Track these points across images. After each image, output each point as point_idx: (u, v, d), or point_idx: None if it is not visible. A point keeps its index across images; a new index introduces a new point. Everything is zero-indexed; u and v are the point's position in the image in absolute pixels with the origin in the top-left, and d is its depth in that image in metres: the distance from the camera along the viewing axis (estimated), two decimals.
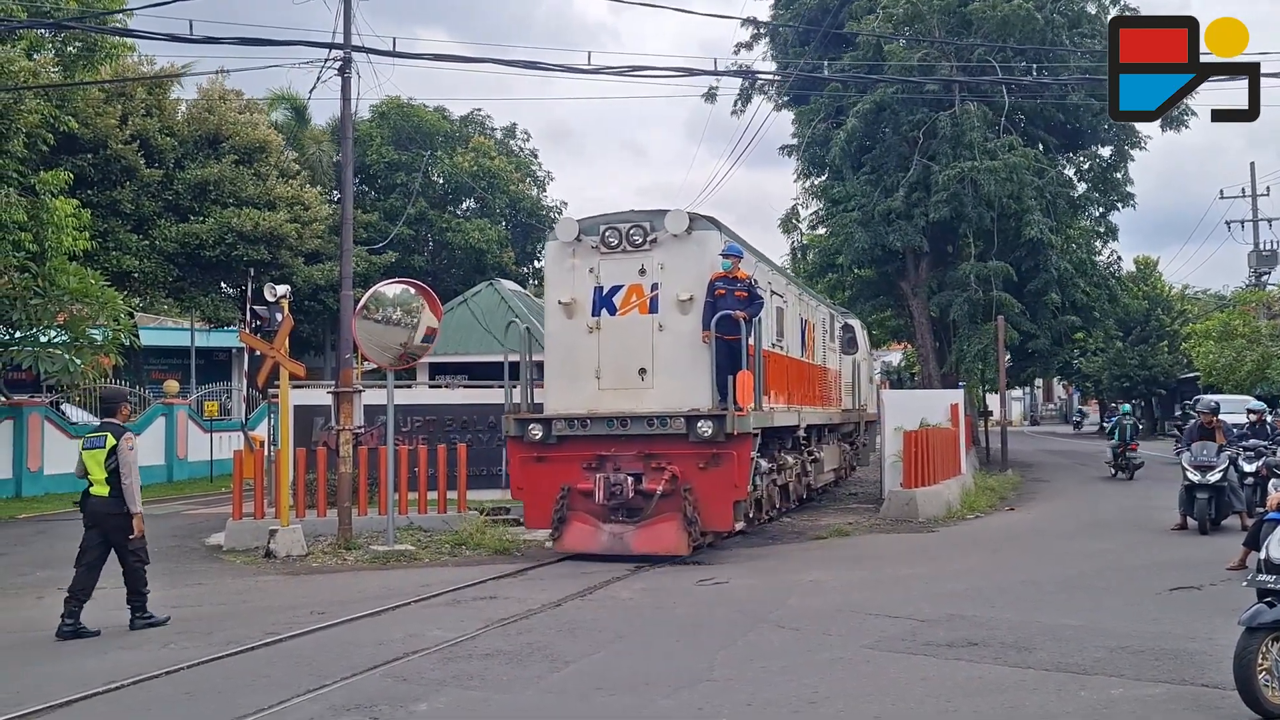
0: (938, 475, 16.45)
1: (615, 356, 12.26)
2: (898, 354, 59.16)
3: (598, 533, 11.88)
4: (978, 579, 10.41)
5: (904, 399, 21.44)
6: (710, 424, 11.51)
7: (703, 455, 11.64)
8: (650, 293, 12.23)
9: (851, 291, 31.04)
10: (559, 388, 12.56)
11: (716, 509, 11.75)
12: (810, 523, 15.52)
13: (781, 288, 15.51)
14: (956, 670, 6.75)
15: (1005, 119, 25.18)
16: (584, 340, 12.39)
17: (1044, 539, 13.90)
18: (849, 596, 9.50)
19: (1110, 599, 9.28)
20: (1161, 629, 7.82)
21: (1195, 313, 48.19)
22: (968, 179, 24.19)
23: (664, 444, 11.79)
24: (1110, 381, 50.43)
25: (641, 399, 12.08)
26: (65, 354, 19.66)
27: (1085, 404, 70.83)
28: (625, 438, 11.93)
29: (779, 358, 14.65)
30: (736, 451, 11.65)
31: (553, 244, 12.90)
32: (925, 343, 28.86)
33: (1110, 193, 28.93)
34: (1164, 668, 6.66)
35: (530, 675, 6.79)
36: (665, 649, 7.56)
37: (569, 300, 12.44)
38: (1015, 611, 8.63)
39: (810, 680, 6.56)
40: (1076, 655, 7.01)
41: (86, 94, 23.17)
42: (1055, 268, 26.24)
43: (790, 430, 14.88)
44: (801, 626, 8.21)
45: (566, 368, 12.54)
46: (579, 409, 12.23)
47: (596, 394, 12.26)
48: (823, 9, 27.82)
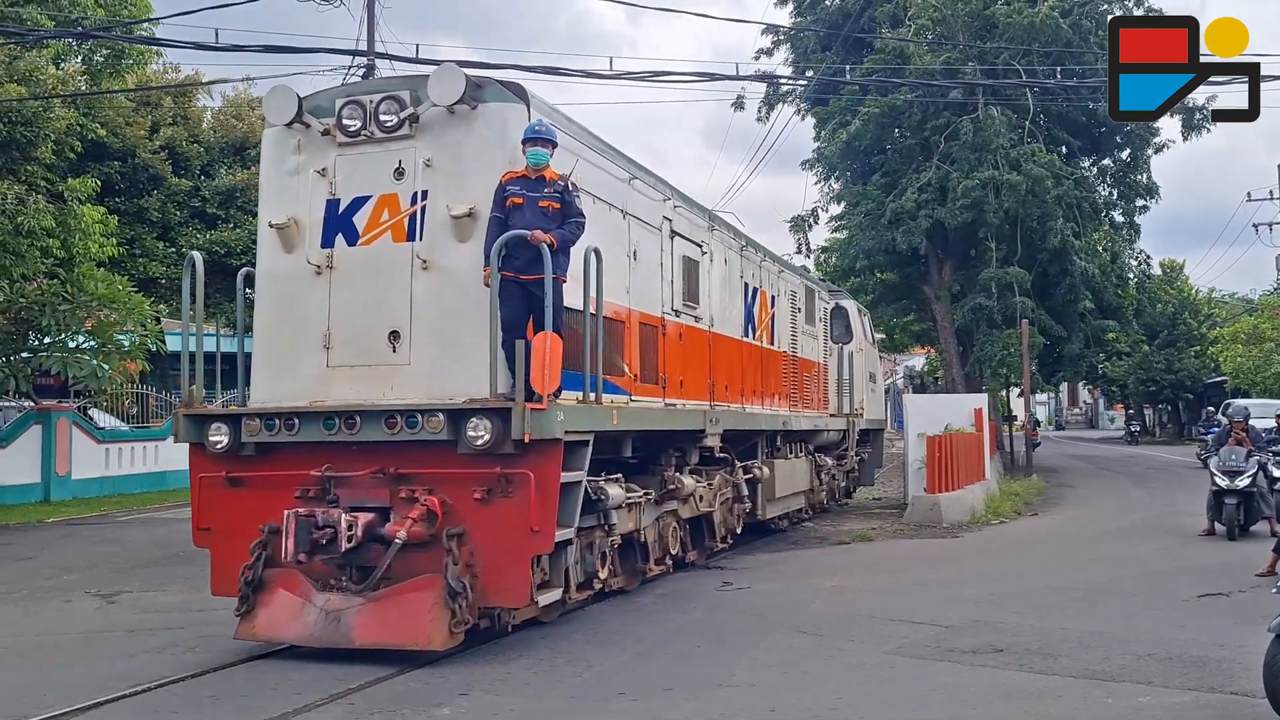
0: (961, 480, 16.37)
1: (354, 313, 7.82)
2: (921, 358, 58.90)
3: (304, 609, 7.30)
4: (1002, 584, 10.34)
5: (927, 404, 21.33)
6: (486, 424, 7.10)
7: (482, 477, 7.25)
8: (410, 207, 7.73)
9: (874, 295, 31.00)
10: (268, 364, 8.16)
11: (504, 569, 7.21)
12: (833, 528, 15.45)
13: (700, 230, 11.38)
14: (980, 677, 6.70)
15: (1030, 123, 25.09)
16: (308, 287, 7.95)
17: (1069, 544, 13.78)
18: (872, 602, 9.45)
19: (1137, 605, 9.18)
20: (1189, 636, 7.74)
21: (1223, 316, 47.78)
22: (990, 186, 24.10)
23: (421, 457, 7.38)
24: (1136, 386, 50.04)
25: (392, 382, 7.64)
26: (93, 359, 19.84)
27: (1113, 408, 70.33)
28: (360, 447, 7.51)
29: (691, 331, 10.83)
30: (536, 471, 7.16)
31: (269, 133, 8.41)
32: (948, 347, 28.76)
33: (1133, 195, 28.83)
34: (1192, 675, 6.58)
35: (553, 679, 6.80)
36: (686, 654, 7.55)
37: (284, 222, 8.03)
38: (1040, 617, 8.56)
39: (832, 686, 6.53)
40: (1102, 662, 6.94)
41: (115, 102, 23.44)
42: (1080, 272, 26.12)
43: (689, 437, 10.49)
44: (824, 632, 8.18)
45: (281, 332, 8.08)
46: (296, 399, 7.83)
47: (324, 374, 7.83)
48: (844, 13, 27.80)
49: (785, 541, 13.93)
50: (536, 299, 7.41)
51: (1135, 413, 58.21)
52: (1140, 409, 59.23)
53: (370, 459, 7.51)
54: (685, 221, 10.97)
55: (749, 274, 13.10)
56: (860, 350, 18.28)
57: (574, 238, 7.73)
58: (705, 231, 11.58)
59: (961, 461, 16.54)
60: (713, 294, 11.58)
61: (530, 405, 7.07)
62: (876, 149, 27.00)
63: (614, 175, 9.38)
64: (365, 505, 7.41)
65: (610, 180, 9.27)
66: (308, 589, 7.41)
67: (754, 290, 13.26)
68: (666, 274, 10.29)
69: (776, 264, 14.68)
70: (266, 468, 7.85)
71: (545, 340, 7.13)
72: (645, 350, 9.67)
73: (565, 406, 7.46)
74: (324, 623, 7.22)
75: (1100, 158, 29.45)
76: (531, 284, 7.49)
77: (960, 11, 24.78)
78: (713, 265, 11.67)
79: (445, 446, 7.29)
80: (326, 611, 7.25)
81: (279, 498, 7.61)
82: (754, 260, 13.41)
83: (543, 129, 7.69)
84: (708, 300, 11.39)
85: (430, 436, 7.26)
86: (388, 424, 7.35)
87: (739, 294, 12.66)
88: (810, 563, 12.30)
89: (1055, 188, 24.73)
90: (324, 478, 7.53)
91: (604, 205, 9.03)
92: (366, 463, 7.50)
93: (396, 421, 7.33)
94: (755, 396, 12.98)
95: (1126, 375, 49.90)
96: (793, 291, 15.17)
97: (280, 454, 7.84)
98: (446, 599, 7.03)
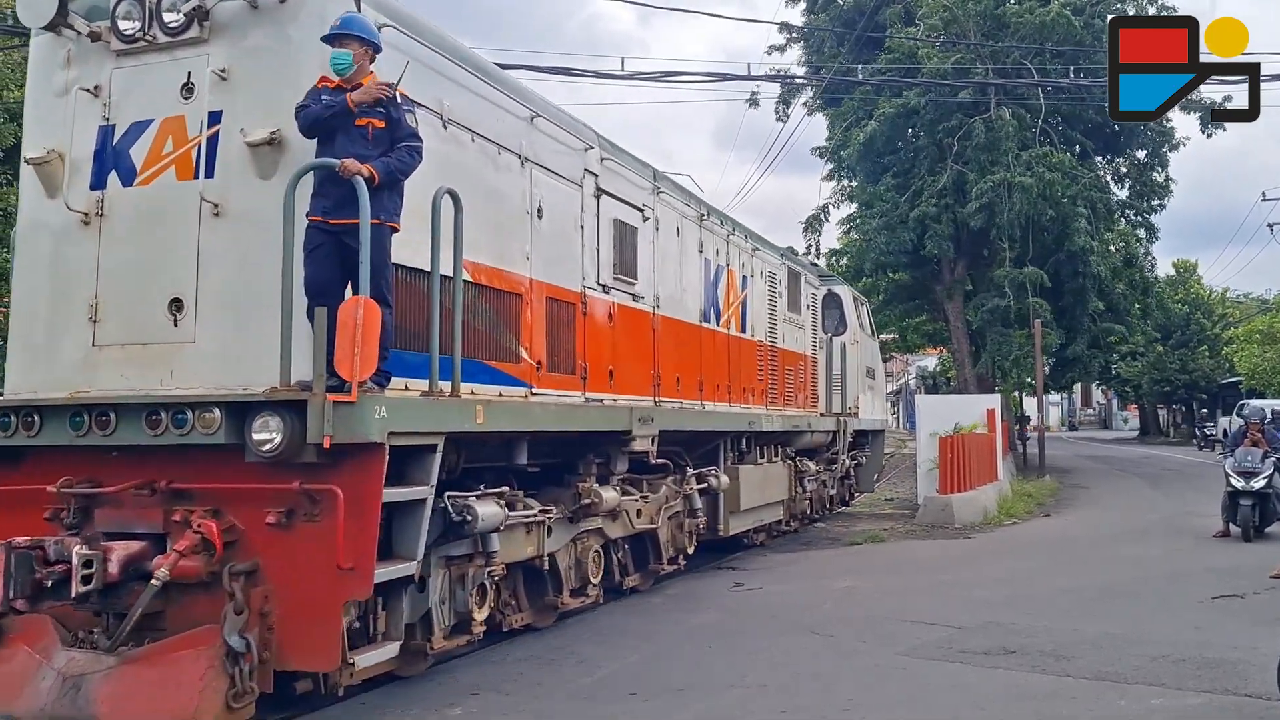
0: (974, 481, 16.33)
1: (127, 276, 6.00)
2: (933, 358, 58.79)
3: (39, 673, 5.40)
4: (1015, 586, 10.29)
5: (939, 404, 21.29)
6: (276, 423, 5.31)
7: (279, 495, 5.42)
8: (200, 134, 5.91)
9: (885, 295, 30.94)
10: (25, 344, 6.38)
11: (304, 619, 5.33)
12: (844, 528, 15.42)
13: (641, 191, 9.45)
14: (993, 678, 6.67)
15: (1042, 122, 25.02)
16: (72, 242, 6.15)
17: (1082, 545, 13.72)
18: (884, 603, 9.42)
19: (1150, 607, 9.13)
20: (1203, 638, 7.68)
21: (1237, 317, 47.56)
22: (1003, 186, 24.06)
23: (204, 468, 5.62)
24: (1150, 386, 49.86)
25: (172, 366, 5.87)
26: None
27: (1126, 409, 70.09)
28: (126, 454, 5.75)
29: (627, 312, 8.98)
30: (347, 487, 5.29)
31: (37, 42, 6.50)
32: (961, 347, 28.68)
33: (1148, 194, 28.77)
34: (1206, 677, 6.54)
35: (563, 680, 6.80)
36: (697, 655, 7.53)
37: (44, 156, 6.25)
38: (1053, 619, 8.52)
39: (844, 688, 6.51)
40: (1116, 664, 6.90)
41: None
42: (1093, 273, 26.04)
43: (613, 440, 8.49)
44: (835, 633, 8.15)
45: (40, 302, 6.33)
46: (54, 388, 6.05)
47: (90, 356, 6.06)
48: (857, 11, 27.78)
49: (797, 542, 13.90)
50: (352, 253, 5.50)
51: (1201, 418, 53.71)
52: (1154, 409, 59.00)
53: (138, 469, 5.66)
54: (618, 179, 8.98)
55: (712, 249, 11.19)
56: (855, 343, 16.55)
57: (405, 168, 5.74)
58: (649, 194, 9.61)
59: (974, 462, 16.50)
60: (659, 269, 9.66)
61: (334, 397, 5.21)
62: (890, 149, 26.97)
63: (505, 109, 7.45)
64: (133, 531, 5.61)
65: (497, 114, 7.34)
66: (52, 644, 5.46)
67: (719, 268, 11.36)
68: (589, 240, 8.39)
69: (750, 240, 12.60)
70: (14, 480, 6.01)
71: (357, 307, 5.26)
72: (556, 332, 7.80)
73: (392, 399, 5.63)
74: (60, 692, 5.27)
75: (1114, 158, 29.38)
76: (344, 232, 5.57)
77: (971, 11, 24.72)
78: (659, 234, 9.71)
79: (233, 453, 5.43)
80: (65, 677, 5.31)
81: (26, 520, 5.78)
82: (719, 233, 11.45)
83: (349, 22, 5.69)
84: (651, 276, 9.48)
85: (204, 440, 5.40)
86: (150, 422, 5.50)
87: (697, 271, 10.74)
88: (822, 564, 12.26)
89: (1070, 187, 24.65)
90: (76, 494, 5.71)
91: (486, 146, 7.15)
92: (134, 474, 5.65)
93: (160, 419, 5.47)
94: (721, 392, 11.15)
95: (1140, 376, 49.71)
96: (771, 273, 13.30)
97: (32, 462, 6.03)
98: (225, 662, 5.12)
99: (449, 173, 6.46)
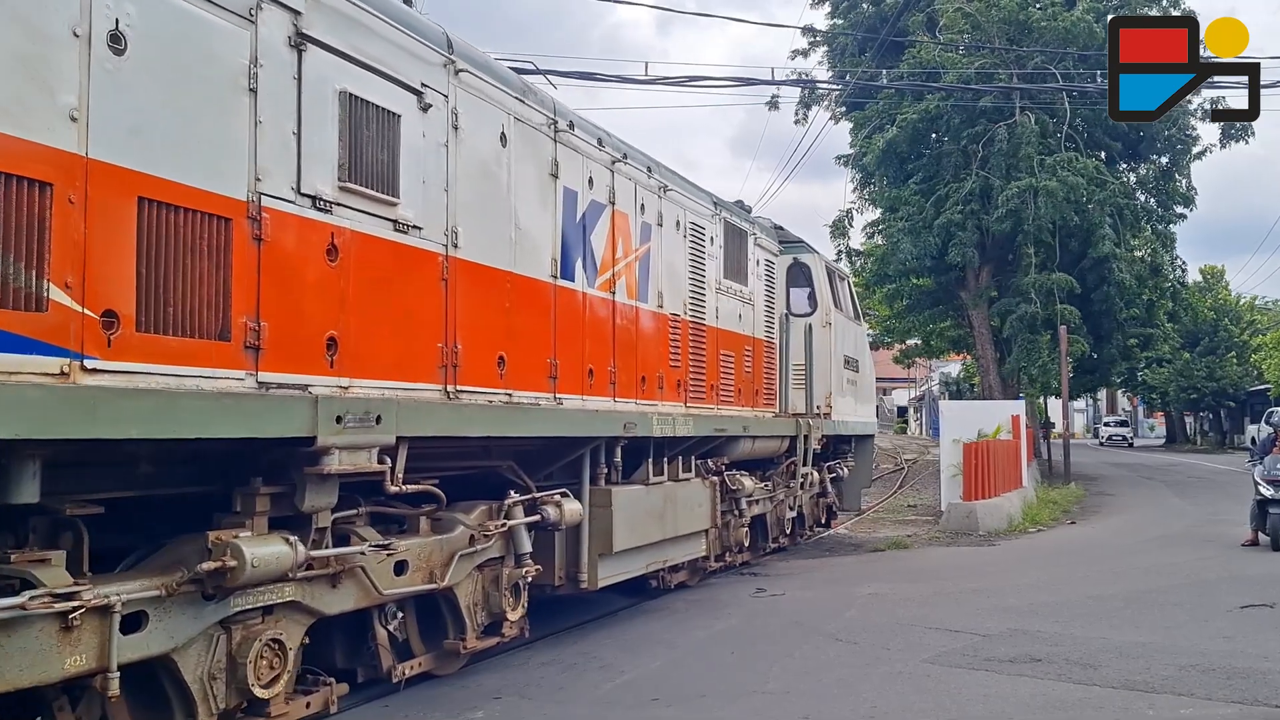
0: (998, 488, 16.24)
1: None
2: (957, 364, 58.52)
3: None
4: (1040, 593, 10.21)
5: (963, 410, 21.18)
6: None
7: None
8: None
9: (909, 300, 30.84)
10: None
11: None
12: (867, 535, 15.36)
13: (413, 63, 6.09)
14: (1019, 686, 6.61)
15: (1067, 127, 24.89)
16: None
17: (1109, 553, 13.60)
18: (908, 610, 9.36)
19: (1179, 615, 9.03)
20: (1233, 647, 7.59)
21: (1265, 324, 47.10)
22: (1028, 192, 23.95)
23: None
24: (1177, 393, 49.44)
25: None
26: None
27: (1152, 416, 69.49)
28: None
29: (370, 244, 5.66)
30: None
31: None
32: (985, 353, 28.50)
33: (1170, 202, 28.60)
34: (1235, 687, 6.46)
35: (585, 685, 6.79)
36: (719, 660, 7.51)
37: None
38: (1079, 627, 8.44)
39: (868, 694, 6.47)
40: (1144, 673, 6.83)
41: None
42: (1118, 280, 25.87)
43: (292, 454, 5.06)
44: (859, 640, 8.11)
45: None
46: None
47: None
48: (880, 17, 27.75)
49: (819, 548, 13.84)
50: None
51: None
52: (1181, 417, 58.46)
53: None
54: (361, 32, 5.69)
55: (579, 176, 7.99)
56: (828, 325, 13.30)
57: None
58: (435, 69, 6.34)
59: (998, 469, 16.41)
60: (459, 190, 6.49)
61: None
62: (914, 154, 26.91)
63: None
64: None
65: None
66: None
67: (595, 205, 8.21)
68: (277, 117, 5.10)
69: (657, 176, 9.38)
70: None
71: None
72: (185, 270, 4.56)
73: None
74: None
75: (1138, 164, 29.22)
76: None
77: (994, 18, 24.65)
78: (459, 137, 6.52)
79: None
80: None
81: None
82: (595, 157, 8.26)
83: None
84: (441, 197, 6.34)
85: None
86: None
87: (549, 204, 7.55)
88: (845, 570, 12.21)
89: (1098, 192, 24.49)
90: None
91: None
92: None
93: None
94: (597, 382, 8.08)
95: (1167, 383, 49.31)
96: (695, 225, 10.12)
97: None
98: None
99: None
